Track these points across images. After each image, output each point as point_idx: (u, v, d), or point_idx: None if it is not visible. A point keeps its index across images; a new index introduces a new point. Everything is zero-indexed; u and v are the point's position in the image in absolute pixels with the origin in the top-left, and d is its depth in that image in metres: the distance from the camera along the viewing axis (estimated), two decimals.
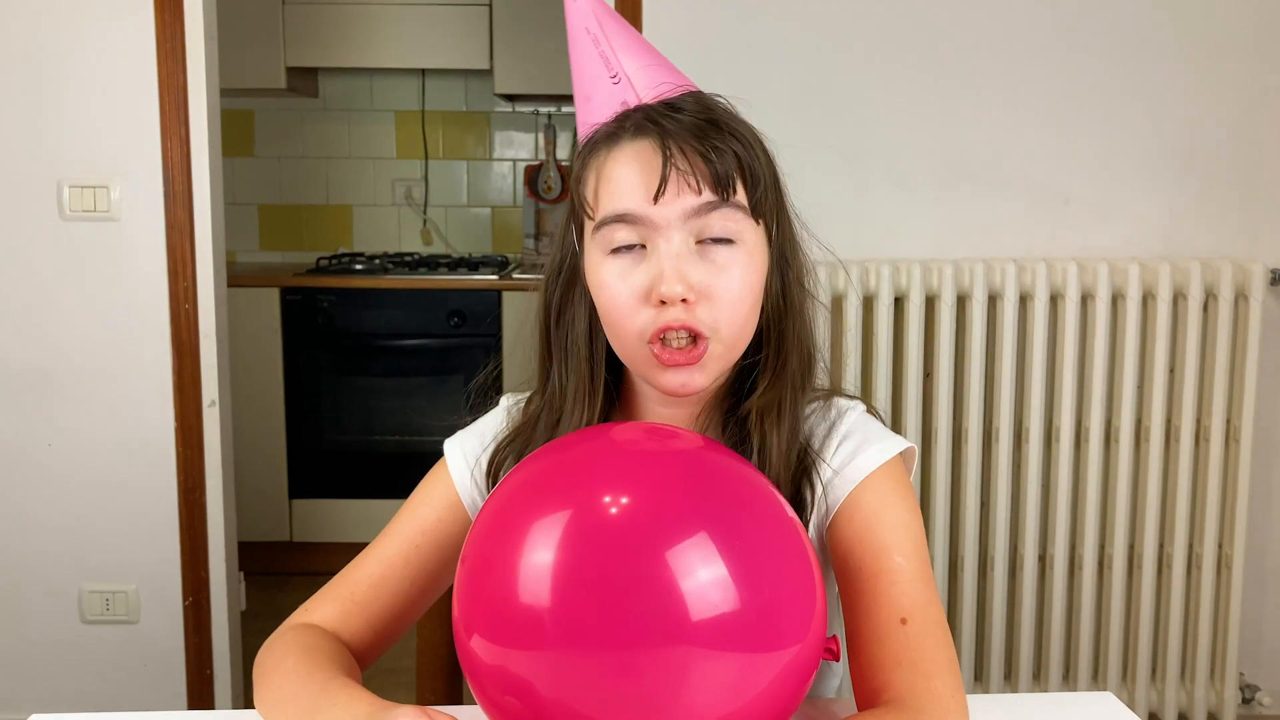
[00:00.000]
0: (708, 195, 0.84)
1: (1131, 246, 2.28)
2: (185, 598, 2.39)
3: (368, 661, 0.95)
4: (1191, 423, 2.22)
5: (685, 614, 0.67)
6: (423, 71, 3.83)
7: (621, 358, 0.89)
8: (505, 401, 1.02)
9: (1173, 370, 2.22)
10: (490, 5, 3.51)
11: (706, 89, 0.91)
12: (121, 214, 2.30)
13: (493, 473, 0.96)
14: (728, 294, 0.85)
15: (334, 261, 3.58)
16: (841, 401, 0.97)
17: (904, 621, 0.83)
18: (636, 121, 0.86)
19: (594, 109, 0.90)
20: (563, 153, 3.88)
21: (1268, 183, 2.29)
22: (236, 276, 3.13)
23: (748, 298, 0.86)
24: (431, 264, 3.57)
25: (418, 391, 3.36)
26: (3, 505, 2.36)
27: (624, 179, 0.85)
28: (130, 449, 2.36)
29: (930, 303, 2.20)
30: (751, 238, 0.86)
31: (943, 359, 2.19)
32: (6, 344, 2.33)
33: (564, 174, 3.84)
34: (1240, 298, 2.20)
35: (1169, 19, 2.25)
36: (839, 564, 0.89)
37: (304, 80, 3.71)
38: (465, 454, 0.99)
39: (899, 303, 2.20)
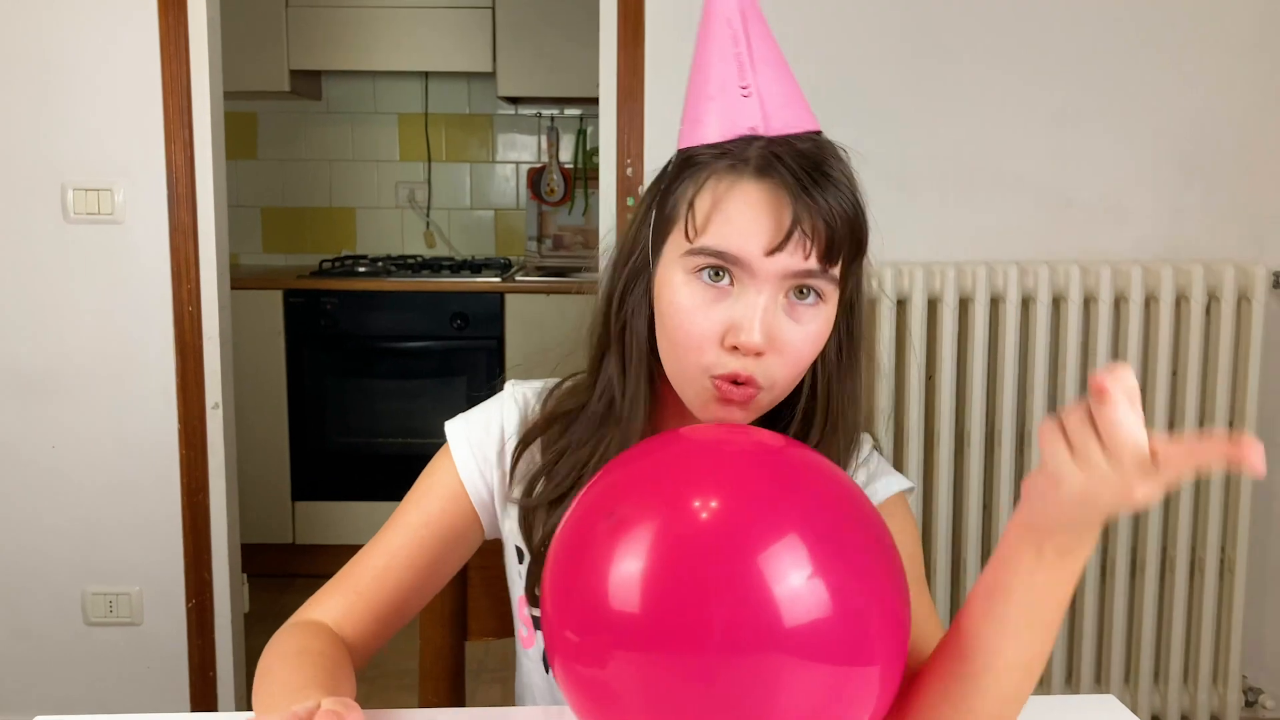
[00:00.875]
0: (814, 262, 0.82)
1: (1134, 249, 2.28)
2: (188, 600, 2.40)
3: (372, 650, 0.96)
4: (1194, 425, 2.21)
5: (778, 620, 0.65)
6: (426, 74, 3.83)
7: (672, 375, 0.88)
8: (510, 389, 1.01)
9: (1175, 373, 2.22)
10: (493, 8, 3.51)
11: None
12: (125, 216, 2.30)
13: (518, 456, 0.96)
14: (797, 352, 0.84)
15: (337, 264, 3.59)
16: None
17: (941, 626, 0.89)
18: (765, 159, 0.82)
19: (714, 112, 0.85)
20: (566, 155, 3.88)
21: (1270, 185, 2.29)
22: (240, 279, 3.13)
23: (811, 357, 0.86)
24: (434, 266, 3.58)
25: (421, 394, 3.36)
26: (6, 507, 2.37)
27: (744, 220, 0.81)
28: (133, 451, 2.36)
29: (932, 305, 2.20)
30: (832, 300, 0.86)
31: (945, 361, 2.19)
32: (10, 346, 2.33)
33: (566, 176, 3.84)
34: (1243, 300, 2.20)
35: (1172, 22, 2.25)
36: None
37: (307, 83, 3.72)
38: (471, 445, 0.98)
39: (901, 305, 2.20)
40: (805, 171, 0.82)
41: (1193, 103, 2.27)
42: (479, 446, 0.98)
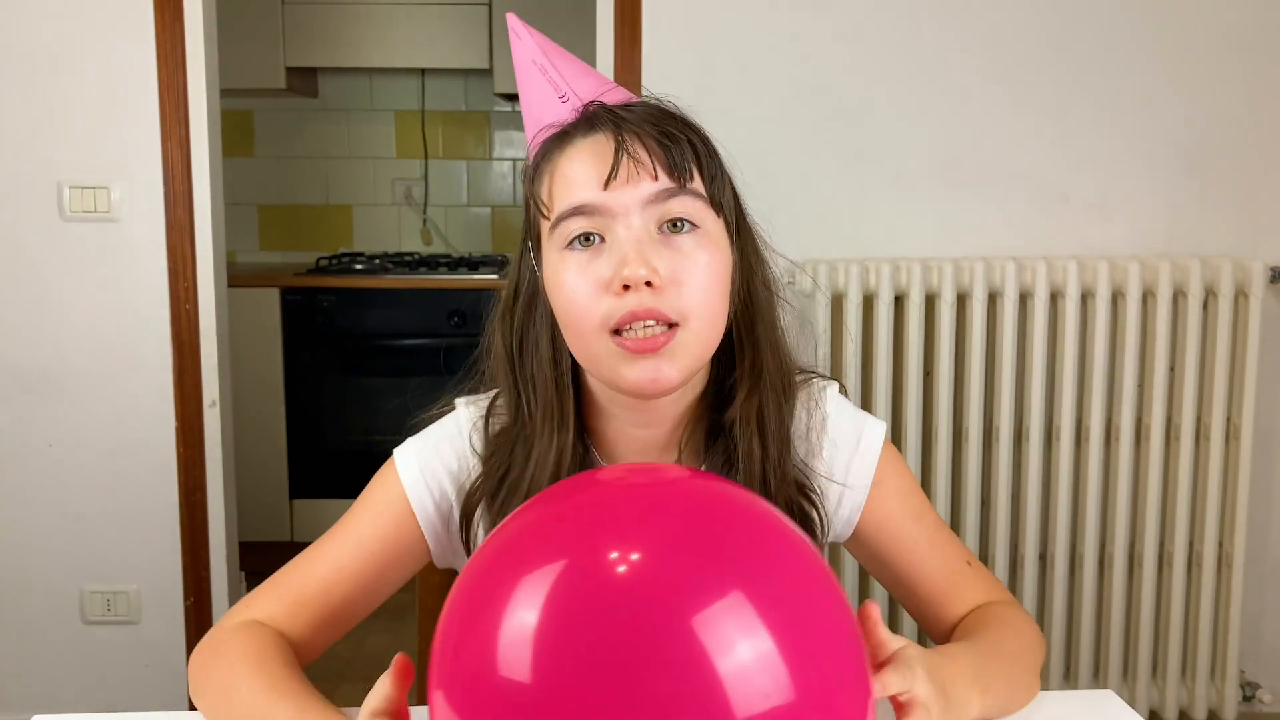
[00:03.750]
0: (664, 181, 0.81)
1: (1131, 244, 2.28)
2: (186, 598, 2.39)
3: (309, 658, 0.94)
4: (1192, 421, 2.21)
5: (728, 709, 0.51)
6: (422, 71, 3.83)
7: (583, 362, 0.85)
8: (462, 412, 0.97)
9: (1173, 368, 2.22)
10: (490, 5, 3.51)
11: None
12: (122, 214, 2.30)
13: (467, 515, 0.93)
14: (694, 278, 0.81)
15: (334, 261, 3.58)
16: (815, 384, 0.98)
17: (969, 563, 0.97)
18: (588, 117, 0.85)
19: (546, 131, 0.89)
20: None
21: (1267, 180, 2.29)
22: (236, 277, 3.13)
23: (716, 285, 0.83)
24: (431, 264, 3.57)
25: (418, 391, 3.35)
26: (4, 506, 2.36)
27: (578, 172, 0.82)
28: (131, 449, 2.36)
29: (930, 301, 2.20)
30: (714, 228, 0.84)
31: (943, 358, 2.19)
32: (7, 345, 2.33)
33: None
34: (1240, 295, 2.20)
35: (1169, 17, 2.25)
36: (888, 543, 0.97)
37: (304, 80, 3.71)
38: (424, 473, 0.95)
39: (899, 301, 2.20)
40: (628, 113, 0.84)
41: (1190, 98, 2.27)
42: (430, 471, 0.95)
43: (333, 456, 3.38)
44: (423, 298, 3.34)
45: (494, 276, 3.36)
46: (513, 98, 3.81)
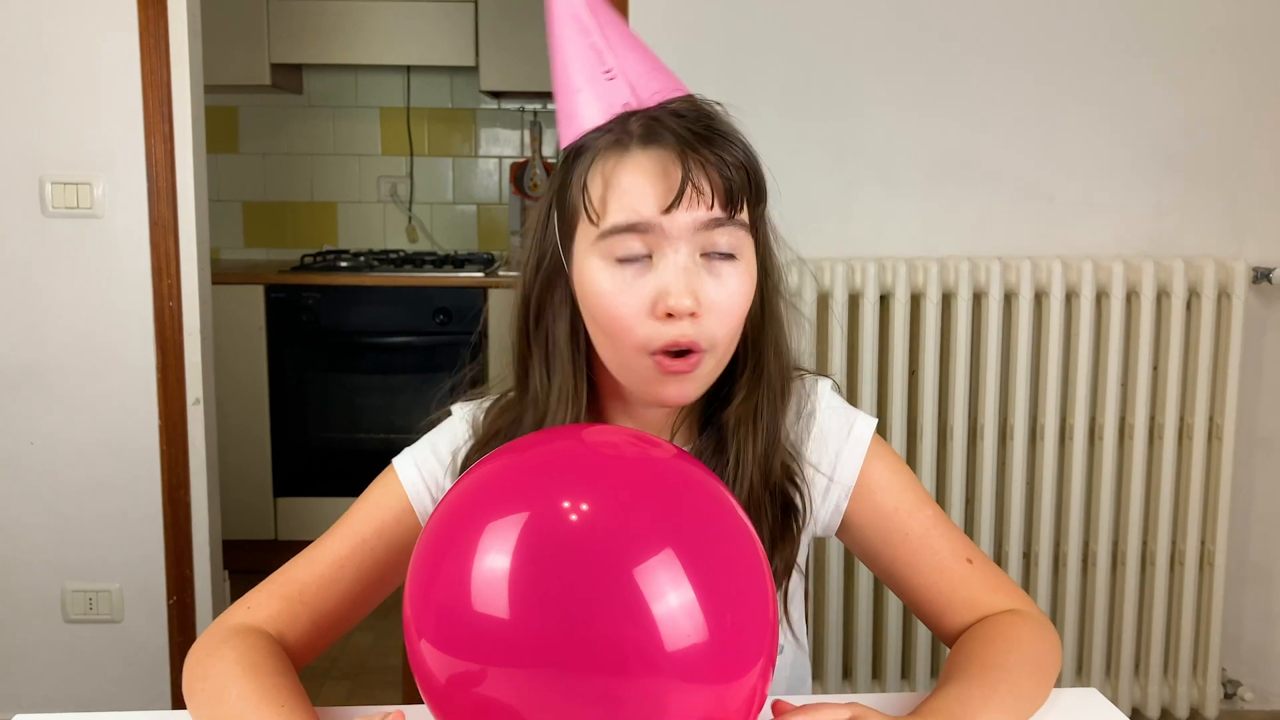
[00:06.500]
0: (717, 211, 0.83)
1: (1115, 244, 2.30)
2: (169, 597, 2.38)
3: (307, 659, 0.94)
4: (1175, 420, 2.23)
5: (660, 643, 0.63)
6: (408, 68, 3.81)
7: (612, 367, 0.88)
8: (459, 412, 1.00)
9: (1156, 368, 2.23)
10: (476, 2, 3.50)
11: (694, 87, 0.90)
12: (105, 211, 2.29)
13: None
14: (728, 307, 0.85)
15: (319, 259, 3.57)
16: (807, 380, 1.00)
17: (970, 561, 0.96)
18: (645, 127, 0.84)
19: (585, 103, 0.87)
20: (549, 149, 3.87)
21: (1251, 181, 2.30)
22: (221, 274, 3.11)
23: (743, 310, 0.86)
24: (417, 261, 3.57)
25: (403, 389, 3.35)
26: None
27: (637, 188, 0.83)
28: (114, 447, 2.35)
29: (915, 300, 2.20)
30: (748, 252, 0.87)
31: (928, 356, 2.20)
32: None
33: (549, 170, 3.83)
34: (1223, 296, 2.21)
35: (1154, 18, 2.26)
36: (877, 536, 0.97)
37: (289, 76, 3.70)
38: (421, 470, 0.97)
39: (884, 300, 2.20)
40: (688, 129, 0.84)
41: (1174, 98, 2.28)
42: (429, 473, 0.97)
43: (317, 455, 3.37)
44: (408, 295, 3.33)
45: (480, 274, 3.36)
46: (498, 95, 3.80)
